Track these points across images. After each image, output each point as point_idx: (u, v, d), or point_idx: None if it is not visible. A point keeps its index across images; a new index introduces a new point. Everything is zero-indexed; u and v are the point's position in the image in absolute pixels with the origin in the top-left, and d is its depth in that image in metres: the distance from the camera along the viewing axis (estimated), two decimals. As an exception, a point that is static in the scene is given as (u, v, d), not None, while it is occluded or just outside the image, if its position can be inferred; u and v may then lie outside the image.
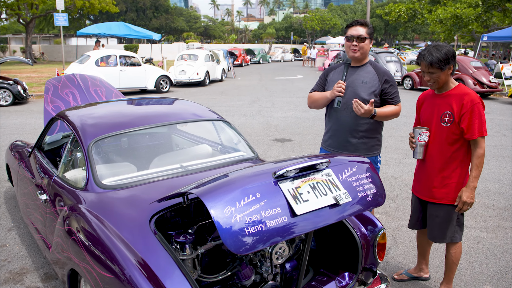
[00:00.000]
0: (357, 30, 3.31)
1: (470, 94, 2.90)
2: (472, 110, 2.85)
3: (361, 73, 3.39)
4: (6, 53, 46.21)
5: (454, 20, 25.51)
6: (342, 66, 3.49)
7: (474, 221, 4.81)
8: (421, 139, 3.06)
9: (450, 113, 2.94)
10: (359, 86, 3.35)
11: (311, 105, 3.64)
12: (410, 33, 73.27)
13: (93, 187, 2.84)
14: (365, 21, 3.35)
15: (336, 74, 3.51)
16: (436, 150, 3.05)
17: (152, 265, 2.15)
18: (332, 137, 3.52)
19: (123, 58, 15.79)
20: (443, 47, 2.87)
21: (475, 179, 2.93)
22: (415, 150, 3.12)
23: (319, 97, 3.51)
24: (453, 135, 2.96)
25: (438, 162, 3.05)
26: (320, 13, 75.64)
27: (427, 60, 2.87)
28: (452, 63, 2.88)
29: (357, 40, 3.29)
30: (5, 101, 12.82)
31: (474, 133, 2.87)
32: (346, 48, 3.41)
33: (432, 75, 2.91)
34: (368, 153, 3.46)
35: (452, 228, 3.07)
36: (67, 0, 32.43)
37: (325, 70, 3.66)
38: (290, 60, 46.31)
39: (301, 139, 8.74)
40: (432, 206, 3.14)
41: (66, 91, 4.90)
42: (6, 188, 5.73)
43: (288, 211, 1.97)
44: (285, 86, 19.48)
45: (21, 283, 3.53)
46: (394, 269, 3.77)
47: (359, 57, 3.35)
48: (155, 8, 69.95)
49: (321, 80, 3.60)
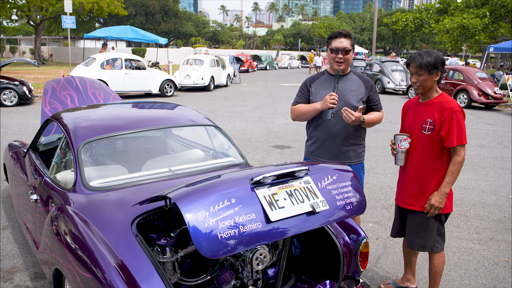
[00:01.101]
0: (342, 42, 3.30)
1: (450, 103, 2.95)
2: (451, 118, 2.89)
3: (347, 82, 3.43)
4: (16, 53, 46.70)
5: (461, 30, 25.52)
6: (324, 76, 3.49)
7: (467, 232, 4.80)
8: (401, 146, 3.09)
9: (431, 121, 2.98)
10: (348, 94, 3.39)
11: (296, 118, 3.55)
12: (418, 43, 73.21)
13: (81, 189, 2.88)
14: (348, 32, 3.35)
15: (320, 84, 3.47)
16: (416, 157, 3.08)
17: (130, 267, 2.18)
18: (320, 147, 3.49)
19: (129, 61, 15.91)
20: (434, 53, 2.95)
21: (447, 185, 2.96)
22: (396, 156, 3.16)
23: (308, 110, 3.41)
24: (434, 143, 2.99)
25: (418, 169, 3.07)
26: (328, 21, 75.81)
27: (417, 62, 2.94)
28: (440, 70, 2.95)
29: (342, 52, 3.30)
30: (10, 102, 12.95)
31: (453, 141, 2.90)
32: (330, 60, 3.39)
33: (420, 78, 2.96)
34: (357, 160, 3.52)
35: (432, 237, 3.08)
36: (76, 2, 32.75)
37: (305, 82, 3.57)
38: (297, 67, 46.38)
39: (301, 146, 8.76)
40: (411, 214, 3.16)
41: (65, 93, 4.96)
42: (4, 187, 5.79)
43: (263, 217, 1.99)
44: (290, 92, 19.51)
45: (11, 281, 3.57)
46: (382, 279, 3.77)
47: (344, 68, 3.38)
48: (164, 13, 70.40)
49: (304, 92, 3.52)
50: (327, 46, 3.42)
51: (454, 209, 5.51)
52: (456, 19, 25.74)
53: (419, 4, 34.85)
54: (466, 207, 5.61)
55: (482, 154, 8.60)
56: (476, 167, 7.59)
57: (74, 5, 30.75)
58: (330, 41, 3.36)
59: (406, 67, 3.17)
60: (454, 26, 25.66)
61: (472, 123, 12.51)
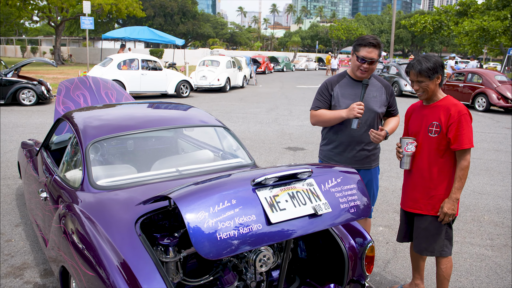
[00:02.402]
0: (370, 52, 3.19)
1: (457, 105, 2.91)
2: (460, 121, 2.85)
3: (370, 88, 3.38)
4: (37, 54, 47.56)
5: (481, 32, 25.13)
6: (345, 80, 3.40)
7: (480, 238, 4.71)
8: (407, 149, 3.04)
9: (437, 123, 2.94)
10: (371, 100, 3.37)
11: (317, 123, 3.43)
12: (438, 45, 72.37)
13: (88, 187, 2.91)
14: (378, 42, 3.22)
15: (343, 89, 3.36)
16: (422, 161, 3.03)
17: (132, 267, 2.19)
18: (342, 153, 3.44)
19: (145, 62, 16.06)
20: (432, 57, 2.92)
21: (457, 191, 2.92)
22: (401, 160, 3.11)
23: (332, 117, 3.28)
24: (441, 146, 2.95)
25: (424, 173, 3.03)
26: (346, 23, 75.39)
27: (416, 69, 2.90)
28: (440, 73, 2.91)
29: (368, 62, 3.22)
30: (29, 101, 13.18)
31: (461, 144, 2.86)
32: (354, 66, 3.29)
33: (421, 84, 2.93)
34: (376, 163, 3.56)
35: (440, 241, 3.03)
36: (95, 4, 33.19)
37: (325, 85, 3.44)
38: (314, 69, 46.23)
39: (314, 148, 8.72)
40: (418, 218, 3.11)
41: (78, 93, 5.02)
42: (19, 185, 5.89)
43: (264, 219, 1.98)
44: (305, 94, 19.46)
45: (21, 277, 3.62)
46: (391, 283, 3.73)
47: (366, 77, 3.33)
48: (182, 14, 70.92)
49: (325, 96, 3.39)
50: (353, 50, 3.30)
51: (468, 214, 5.42)
52: (476, 21, 25.34)
53: (439, 6, 34.27)
54: (480, 212, 5.51)
55: (499, 159, 8.44)
56: (492, 172, 7.46)
57: (93, 6, 31.17)
58: (358, 48, 3.23)
59: (406, 75, 3.08)
60: (474, 29, 25.27)
61: (490, 127, 12.30)
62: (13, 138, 8.73)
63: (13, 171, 6.50)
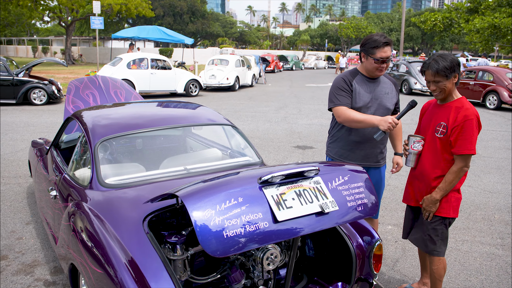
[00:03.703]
0: (386, 51, 3.18)
1: (467, 109, 2.83)
2: (463, 126, 2.79)
3: (382, 85, 3.42)
4: (48, 54, 47.98)
5: (492, 30, 24.84)
6: (359, 77, 3.37)
7: (490, 237, 4.67)
8: (414, 147, 3.03)
9: (445, 124, 2.89)
10: (384, 98, 3.39)
11: (346, 122, 3.28)
12: (448, 43, 71.75)
13: (97, 185, 2.93)
14: (389, 39, 3.23)
15: (360, 85, 3.33)
16: (428, 159, 3.01)
17: (140, 265, 2.20)
18: (354, 150, 3.44)
19: (155, 61, 16.12)
20: (448, 55, 2.86)
21: (439, 191, 2.90)
22: (407, 157, 3.11)
23: (363, 120, 3.16)
24: (445, 147, 2.91)
25: (428, 171, 3.00)
26: (356, 21, 75.05)
27: (433, 68, 2.83)
28: (457, 72, 2.85)
29: (386, 61, 3.22)
30: (40, 101, 13.30)
31: (460, 149, 2.81)
32: (372, 68, 3.26)
33: (438, 84, 2.86)
34: (384, 161, 3.59)
35: (433, 240, 3.01)
36: (105, 4, 33.39)
37: (343, 80, 3.35)
38: (323, 67, 46.07)
39: (323, 147, 8.69)
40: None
41: (87, 92, 5.06)
42: (30, 184, 5.95)
43: (270, 217, 1.99)
44: (315, 93, 19.41)
45: (31, 275, 3.66)
46: (400, 282, 3.71)
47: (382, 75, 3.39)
48: (192, 13, 71.08)
49: (347, 90, 3.31)
50: (365, 53, 3.26)
51: (478, 213, 5.37)
52: (487, 19, 25.05)
53: (449, 3, 34.05)
54: (491, 211, 5.46)
55: (510, 157, 8.35)
56: (503, 171, 7.38)
57: (102, 6, 31.37)
58: (373, 51, 3.19)
59: (422, 74, 2.99)
60: (485, 26, 24.99)
61: (501, 125, 12.18)
62: (24, 137, 8.82)
63: (24, 169, 6.57)
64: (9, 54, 52.72)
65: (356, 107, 3.31)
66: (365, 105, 3.32)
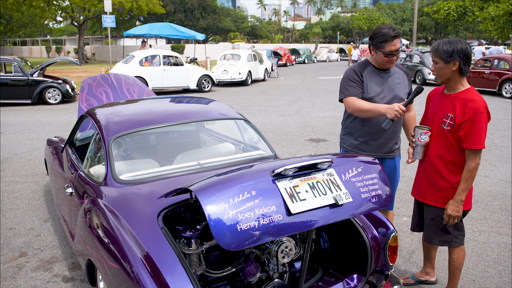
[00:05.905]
0: (395, 44, 3.17)
1: (476, 102, 2.75)
2: (474, 120, 2.72)
3: (394, 75, 3.40)
4: (61, 53, 48.49)
5: (508, 17, 24.37)
6: (370, 68, 3.36)
7: (508, 228, 4.61)
8: (421, 139, 2.98)
9: (452, 116, 2.82)
10: (396, 87, 3.38)
11: (355, 112, 3.28)
12: (462, 32, 70.60)
13: (111, 182, 2.96)
14: (397, 31, 3.19)
15: (370, 77, 3.33)
16: (435, 151, 2.95)
17: (156, 259, 2.22)
18: (368, 141, 3.43)
19: (167, 58, 16.18)
20: (457, 42, 2.75)
21: (462, 192, 2.82)
22: (414, 150, 3.05)
23: (370, 109, 3.15)
24: (452, 140, 2.85)
25: (436, 164, 2.95)
26: (368, 12, 74.27)
27: (433, 48, 2.83)
28: (458, 59, 2.75)
29: (396, 54, 3.21)
30: (54, 100, 13.46)
31: (472, 144, 2.75)
32: (382, 61, 3.26)
33: (436, 66, 2.83)
34: (399, 152, 3.59)
35: (448, 233, 2.98)
36: (116, 2, 33.57)
37: (353, 71, 3.36)
38: (336, 60, 45.77)
39: (336, 139, 8.65)
40: (427, 207, 3.07)
41: (100, 89, 5.11)
42: (47, 182, 6.03)
43: (284, 209, 1.98)
44: (327, 86, 19.30)
45: (50, 271, 3.72)
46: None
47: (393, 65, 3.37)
48: (202, 9, 71.09)
49: (357, 81, 3.31)
50: (374, 47, 3.25)
51: (495, 203, 5.30)
52: (502, 6, 24.56)
53: (463, -9, 33.50)
54: (508, 201, 5.38)
55: (528, 146, 8.22)
56: (521, 160, 7.27)
57: (114, 4, 31.56)
58: (383, 45, 3.17)
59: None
60: (500, 14, 24.51)
61: (518, 114, 11.97)
62: (40, 136, 8.94)
63: (41, 168, 6.66)
64: (24, 54, 53.42)
65: (367, 98, 3.29)
66: (377, 95, 3.30)
